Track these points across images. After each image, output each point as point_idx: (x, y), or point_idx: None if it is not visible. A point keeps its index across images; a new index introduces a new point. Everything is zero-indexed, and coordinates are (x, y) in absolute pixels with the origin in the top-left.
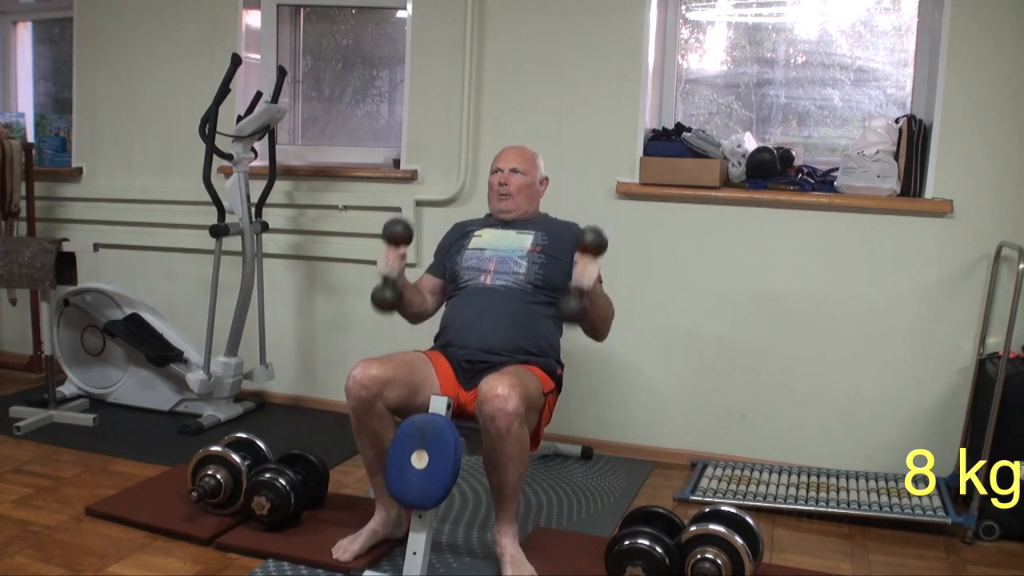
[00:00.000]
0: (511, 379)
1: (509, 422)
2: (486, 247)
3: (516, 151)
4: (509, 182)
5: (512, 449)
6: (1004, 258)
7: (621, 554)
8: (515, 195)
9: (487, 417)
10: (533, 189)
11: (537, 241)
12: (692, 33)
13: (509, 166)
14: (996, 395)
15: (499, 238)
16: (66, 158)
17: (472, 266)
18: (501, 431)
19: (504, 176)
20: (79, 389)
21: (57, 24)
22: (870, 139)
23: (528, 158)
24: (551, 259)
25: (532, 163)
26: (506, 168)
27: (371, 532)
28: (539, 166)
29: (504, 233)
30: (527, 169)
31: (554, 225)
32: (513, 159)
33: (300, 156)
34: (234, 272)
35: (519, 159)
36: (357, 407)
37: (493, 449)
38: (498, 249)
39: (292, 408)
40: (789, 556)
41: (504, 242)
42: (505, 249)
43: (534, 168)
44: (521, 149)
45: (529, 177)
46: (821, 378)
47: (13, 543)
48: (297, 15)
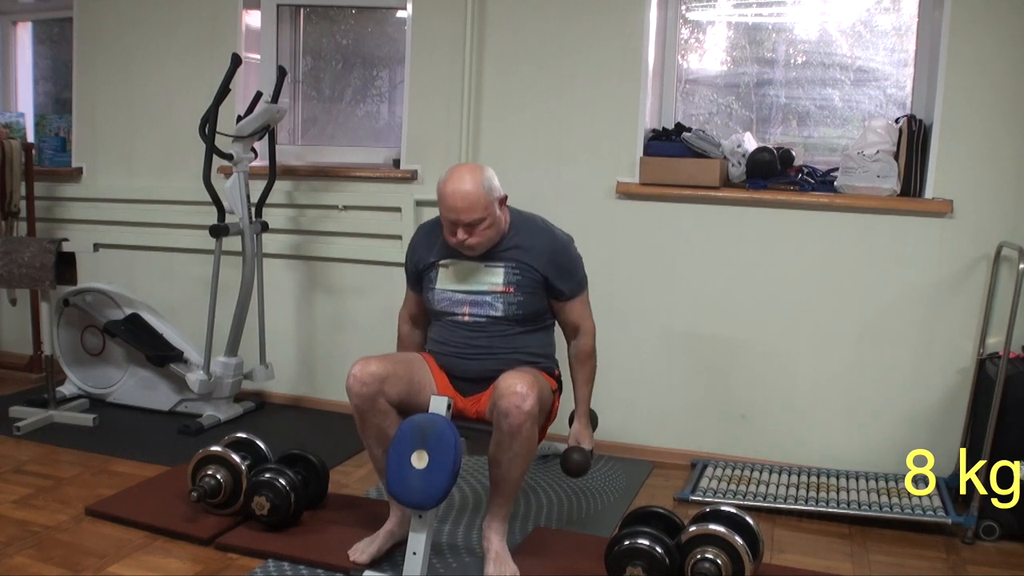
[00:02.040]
0: (530, 379)
1: (523, 420)
2: (456, 288)
3: (466, 198)
4: (468, 236)
5: (520, 447)
6: (1004, 258)
7: (621, 554)
8: (479, 244)
9: (502, 412)
10: (496, 224)
11: (509, 279)
12: (692, 33)
13: (464, 221)
14: (996, 395)
15: (468, 273)
16: (66, 158)
17: (445, 308)
18: (513, 428)
19: (462, 233)
20: (79, 389)
21: (57, 24)
22: (870, 139)
23: (482, 200)
24: (527, 295)
25: (487, 201)
26: (461, 224)
27: (388, 534)
28: (493, 192)
29: (472, 266)
30: (484, 212)
31: (526, 247)
32: (467, 211)
33: (300, 156)
34: (234, 272)
35: (473, 208)
36: (360, 404)
37: (501, 445)
38: (469, 291)
39: (292, 408)
40: (789, 556)
41: (473, 279)
42: (476, 290)
43: (491, 204)
44: (471, 191)
45: (489, 219)
46: (821, 378)
47: (13, 543)
48: (297, 15)
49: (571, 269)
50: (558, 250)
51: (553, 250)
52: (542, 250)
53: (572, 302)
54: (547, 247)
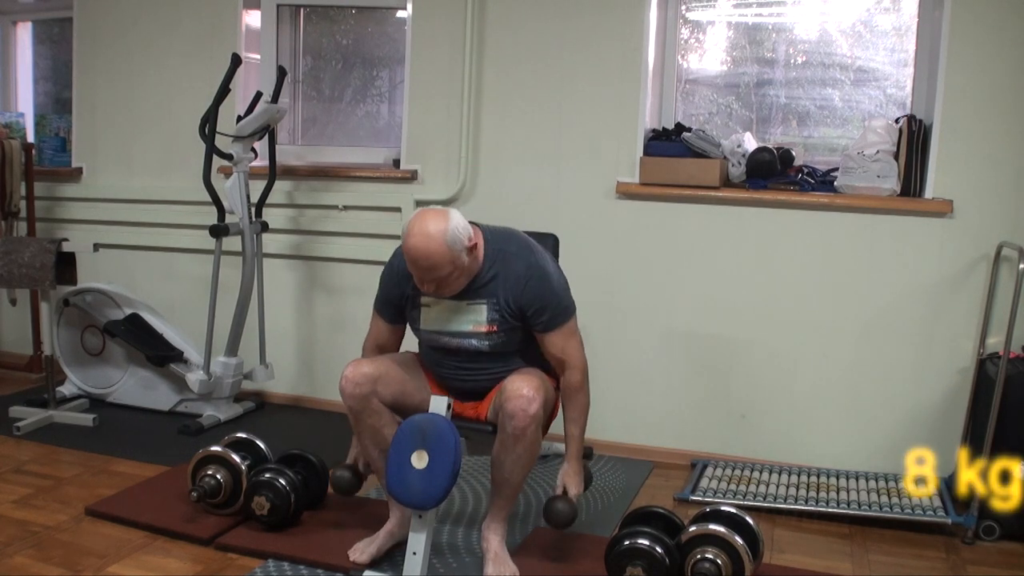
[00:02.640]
0: (537, 382)
1: (527, 424)
2: (441, 329)
3: (429, 259)
4: (436, 288)
5: (523, 451)
6: (1004, 258)
7: (621, 554)
8: (448, 290)
9: (507, 415)
10: (467, 269)
11: (491, 316)
12: (692, 33)
13: (428, 278)
14: (996, 395)
15: (451, 313)
16: (66, 158)
17: (433, 346)
18: (518, 431)
19: (428, 286)
20: (79, 389)
21: (57, 24)
22: (870, 139)
23: (446, 258)
24: (511, 330)
25: (451, 256)
26: (426, 283)
27: (388, 534)
28: (458, 244)
29: (453, 305)
30: (450, 268)
31: (502, 281)
32: (429, 271)
33: (300, 156)
34: (234, 272)
35: (437, 267)
36: (354, 405)
37: (505, 447)
38: (454, 332)
39: (292, 408)
40: (789, 556)
41: (457, 320)
42: (458, 331)
43: (456, 256)
44: (434, 250)
45: (456, 271)
46: (821, 378)
47: (13, 543)
48: (297, 15)
49: (546, 301)
50: (533, 279)
51: (527, 279)
52: (516, 280)
53: (551, 334)
54: (522, 277)
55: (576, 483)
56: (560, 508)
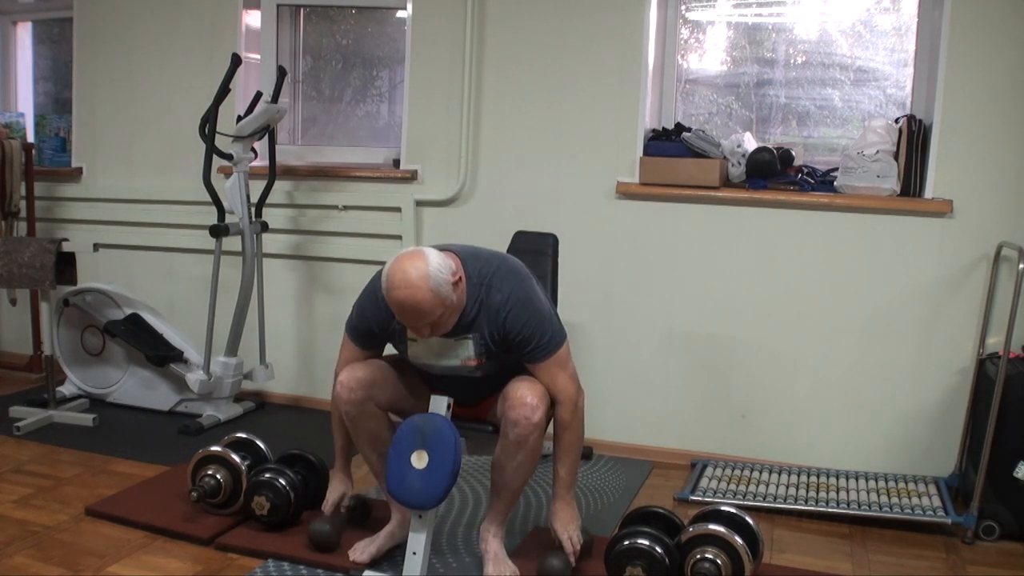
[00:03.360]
0: (540, 390)
1: (530, 431)
2: (428, 362)
3: (416, 309)
4: (431, 332)
5: (525, 457)
6: (1004, 258)
7: (621, 554)
8: (442, 330)
9: (511, 422)
10: (452, 307)
11: (479, 350)
12: (692, 33)
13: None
14: (996, 395)
15: (439, 349)
16: (66, 158)
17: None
18: (520, 438)
19: (423, 333)
20: (79, 389)
21: (57, 24)
22: (870, 139)
23: (432, 304)
24: (496, 362)
25: (437, 300)
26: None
27: (389, 534)
28: (442, 287)
29: (440, 342)
30: (439, 312)
31: (484, 317)
32: (417, 318)
33: (300, 156)
34: (234, 272)
35: (424, 315)
36: (350, 411)
37: (506, 453)
38: (445, 367)
39: (292, 408)
40: (789, 556)
41: (447, 356)
42: (448, 364)
43: (443, 298)
44: (420, 300)
45: (444, 312)
46: (821, 378)
47: (13, 543)
48: (297, 15)
49: (531, 331)
50: (514, 308)
51: (509, 309)
52: (498, 311)
53: (538, 366)
54: (503, 307)
55: (574, 525)
56: (555, 564)
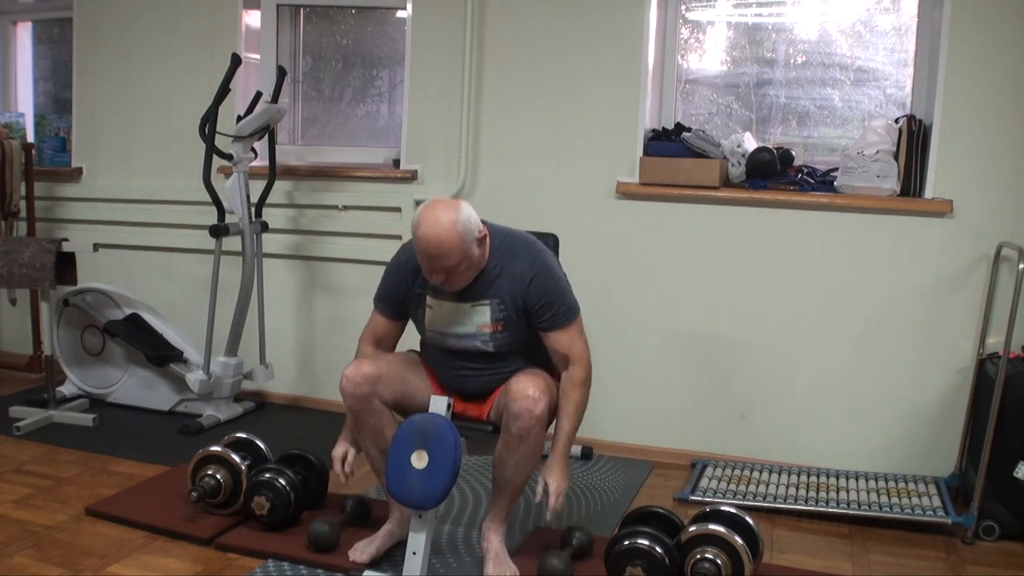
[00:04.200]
0: (542, 383)
1: (532, 424)
2: (445, 330)
3: (440, 246)
4: (445, 277)
5: (527, 451)
6: (1004, 258)
7: (621, 554)
8: (457, 282)
9: (512, 415)
10: (472, 262)
11: (496, 315)
12: (692, 33)
13: (438, 267)
14: (996, 395)
15: (455, 316)
16: (66, 158)
17: (436, 343)
18: (523, 431)
19: (437, 276)
20: (79, 389)
21: (57, 24)
22: (870, 139)
23: (456, 247)
24: (517, 330)
25: (462, 246)
26: (435, 273)
27: (387, 533)
28: (469, 234)
29: (458, 307)
30: (460, 257)
31: (507, 278)
32: (440, 259)
33: (300, 156)
34: (234, 272)
35: (447, 255)
36: (354, 405)
37: (509, 447)
38: (459, 334)
39: (292, 408)
40: (789, 556)
41: (462, 323)
42: (464, 332)
43: (467, 246)
44: (444, 238)
45: (465, 262)
46: (821, 378)
47: (13, 543)
48: (297, 15)
49: (552, 297)
50: (538, 275)
51: (532, 276)
52: (521, 277)
53: (557, 332)
54: (527, 274)
55: (558, 477)
56: (554, 563)
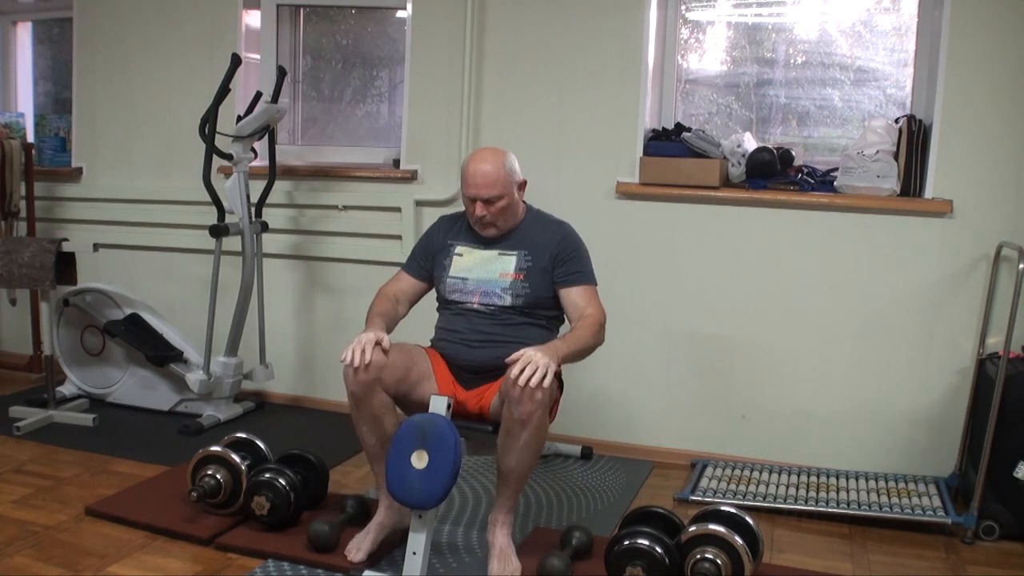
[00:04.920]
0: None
1: (534, 409)
2: (468, 276)
3: (486, 176)
4: (487, 212)
5: (530, 437)
6: (1004, 258)
7: (621, 554)
8: (496, 221)
9: (514, 400)
10: (513, 206)
11: (520, 265)
12: (692, 33)
13: (483, 196)
14: (996, 395)
15: (481, 263)
16: (66, 158)
17: (456, 298)
18: (524, 415)
19: (480, 208)
20: (79, 389)
21: (57, 24)
22: (870, 139)
23: (501, 179)
24: (535, 283)
25: (507, 181)
26: (480, 199)
27: (379, 526)
28: (514, 174)
29: (486, 255)
30: (502, 191)
31: (539, 233)
32: (486, 187)
33: (300, 156)
34: (234, 272)
35: (492, 185)
36: (357, 391)
37: (511, 434)
38: (480, 279)
39: (292, 408)
40: (789, 556)
41: (486, 269)
42: (487, 279)
43: (510, 184)
44: (491, 170)
45: (507, 199)
46: (821, 378)
47: (13, 543)
48: (297, 15)
49: (579, 254)
50: (567, 238)
51: (563, 236)
52: (553, 235)
53: (578, 288)
54: (557, 233)
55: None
56: (554, 563)
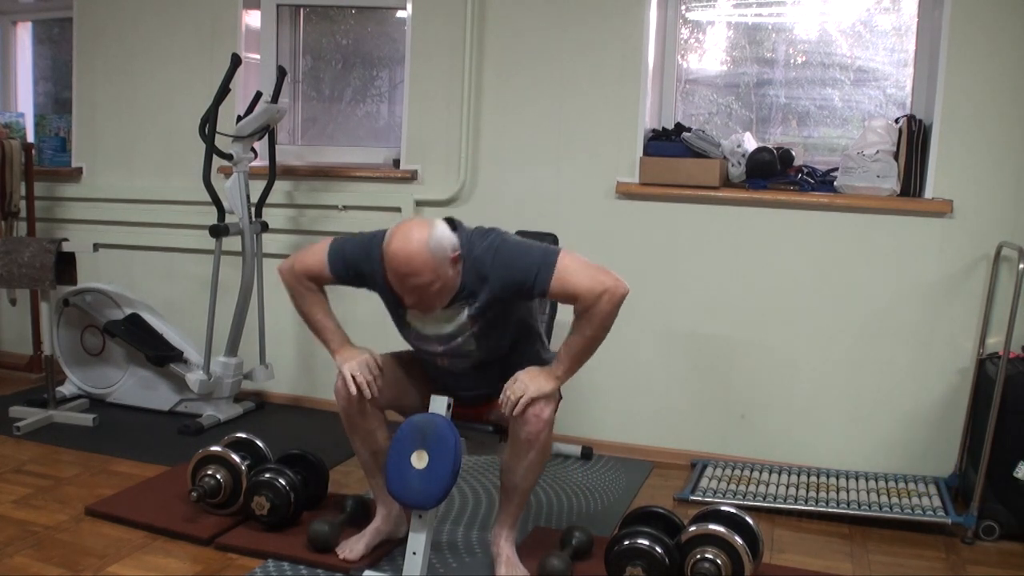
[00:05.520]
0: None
1: (540, 429)
2: (427, 332)
3: (409, 264)
4: (420, 299)
5: (536, 456)
6: (1004, 258)
7: (621, 554)
8: (434, 303)
9: (521, 421)
10: (446, 281)
11: (472, 312)
12: (692, 33)
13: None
14: (996, 395)
15: (433, 323)
16: (66, 158)
17: (422, 347)
18: (531, 436)
19: (411, 298)
20: (79, 389)
21: (57, 24)
22: (870, 139)
23: (423, 264)
24: (489, 318)
25: (433, 265)
26: (407, 293)
27: (374, 531)
28: (440, 253)
29: (434, 316)
30: (431, 276)
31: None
32: (412, 276)
33: (300, 156)
34: (234, 272)
35: (418, 272)
36: (347, 408)
37: (518, 455)
38: (440, 335)
39: (292, 408)
40: (789, 556)
41: (440, 324)
42: (446, 334)
43: (438, 267)
44: (413, 257)
45: (439, 282)
46: (821, 378)
47: (13, 543)
48: (297, 15)
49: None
50: (496, 256)
51: (491, 260)
52: (482, 270)
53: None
54: (487, 263)
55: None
56: (555, 564)
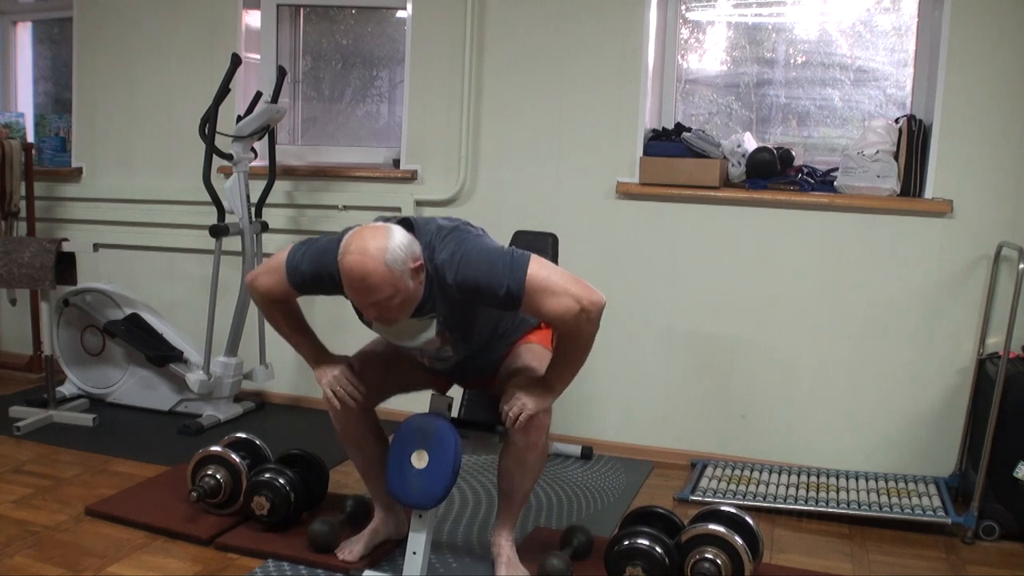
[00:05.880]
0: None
1: (539, 435)
2: (401, 342)
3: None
4: (378, 315)
5: (534, 460)
6: (1004, 258)
7: (621, 554)
8: (392, 318)
9: (522, 431)
10: (407, 293)
11: (440, 326)
12: (692, 33)
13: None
14: (996, 395)
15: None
16: (66, 158)
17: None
18: (531, 442)
19: (372, 312)
20: (79, 389)
21: (57, 24)
22: (870, 139)
23: (380, 279)
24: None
25: (392, 279)
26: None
27: (373, 532)
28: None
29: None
30: (390, 291)
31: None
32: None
33: (300, 156)
34: (234, 272)
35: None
36: (335, 419)
37: (517, 459)
38: (415, 343)
39: (292, 408)
40: (789, 556)
41: (411, 336)
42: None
43: (397, 280)
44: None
45: (395, 294)
46: (821, 378)
47: (13, 543)
48: (297, 15)
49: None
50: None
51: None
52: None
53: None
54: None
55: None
56: (554, 563)
